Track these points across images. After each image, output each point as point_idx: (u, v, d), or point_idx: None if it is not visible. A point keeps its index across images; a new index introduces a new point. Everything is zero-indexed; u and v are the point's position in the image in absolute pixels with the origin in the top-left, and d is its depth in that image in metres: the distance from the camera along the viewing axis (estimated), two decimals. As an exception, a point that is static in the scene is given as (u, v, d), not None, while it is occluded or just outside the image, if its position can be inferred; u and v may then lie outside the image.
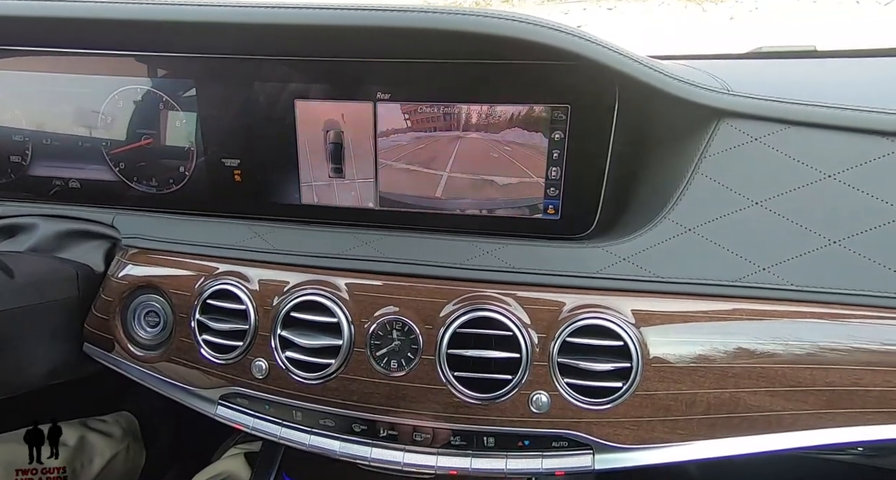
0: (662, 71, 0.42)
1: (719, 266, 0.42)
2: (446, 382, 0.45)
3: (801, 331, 0.41)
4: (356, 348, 0.47)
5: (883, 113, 0.40)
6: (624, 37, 0.49)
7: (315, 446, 0.48)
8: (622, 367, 0.42)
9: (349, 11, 0.41)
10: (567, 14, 2.70)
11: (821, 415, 0.41)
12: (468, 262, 0.46)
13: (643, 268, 0.43)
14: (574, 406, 0.43)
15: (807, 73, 0.59)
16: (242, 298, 0.49)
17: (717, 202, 0.43)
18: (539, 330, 0.44)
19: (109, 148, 0.56)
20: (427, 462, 0.46)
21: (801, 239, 0.41)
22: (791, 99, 0.42)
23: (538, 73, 0.46)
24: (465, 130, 0.49)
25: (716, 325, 0.42)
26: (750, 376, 0.41)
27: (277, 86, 0.51)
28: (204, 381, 0.52)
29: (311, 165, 0.53)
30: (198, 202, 0.56)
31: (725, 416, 0.42)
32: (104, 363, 0.56)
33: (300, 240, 0.51)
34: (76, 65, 0.55)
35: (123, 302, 0.54)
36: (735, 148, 0.43)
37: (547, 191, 0.50)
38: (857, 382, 0.40)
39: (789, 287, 0.41)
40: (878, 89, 0.50)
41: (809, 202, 0.41)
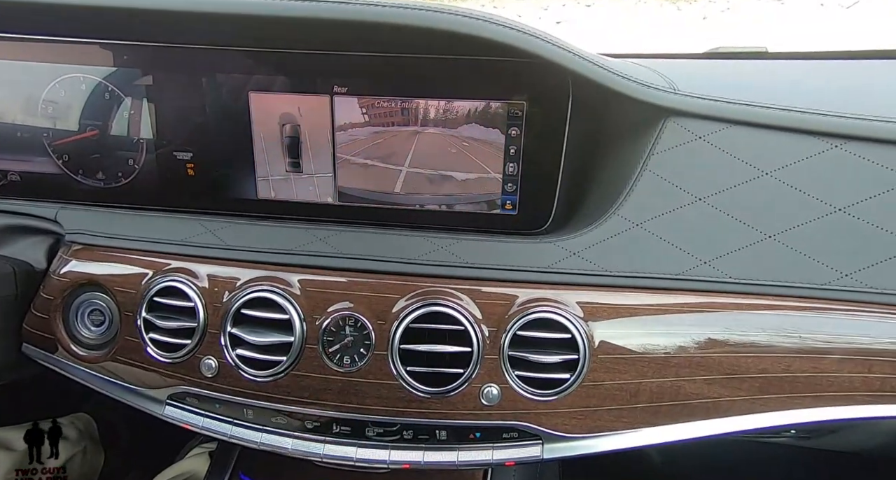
0: (612, 69, 0.43)
1: (664, 260, 0.44)
2: (398, 377, 0.45)
3: (737, 322, 0.43)
4: (308, 344, 0.46)
5: (816, 114, 0.43)
6: (601, 33, 0.50)
7: (267, 444, 0.48)
8: (570, 359, 0.43)
9: (303, 3, 0.40)
10: (547, 10, 2.73)
11: (755, 400, 0.43)
12: (423, 258, 0.47)
13: (592, 263, 0.44)
14: (524, 398, 0.44)
15: (755, 73, 0.61)
16: (191, 295, 0.47)
17: (663, 198, 0.44)
18: (490, 324, 0.45)
19: (52, 139, 0.54)
20: (380, 456, 0.46)
21: (740, 233, 0.43)
22: (734, 99, 0.44)
23: (494, 70, 0.46)
24: (424, 125, 0.49)
25: (659, 317, 0.44)
26: (689, 365, 0.43)
27: (231, 77, 0.49)
28: (152, 381, 0.50)
29: (267, 159, 0.52)
30: (147, 196, 0.54)
31: (667, 404, 0.43)
32: (45, 364, 0.54)
33: (253, 235, 0.50)
34: (15, 50, 0.52)
35: (65, 301, 0.52)
36: (680, 145, 0.44)
37: (504, 186, 0.50)
38: (788, 368, 0.42)
39: (728, 280, 0.43)
40: (820, 91, 0.53)
41: (748, 198, 0.43)
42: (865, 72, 0.62)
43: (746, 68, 0.64)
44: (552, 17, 2.62)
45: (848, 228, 0.42)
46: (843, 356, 0.42)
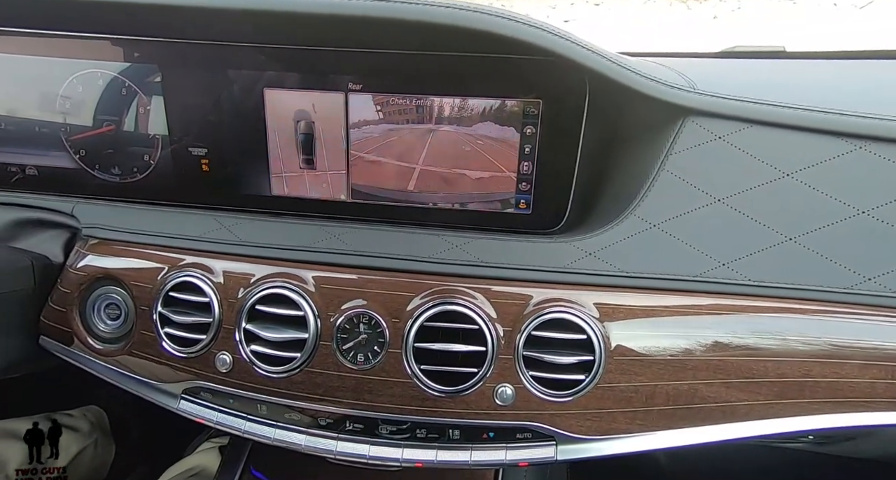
0: (631, 68, 0.42)
1: (681, 261, 0.43)
2: (412, 375, 0.45)
3: (756, 325, 0.42)
4: (322, 341, 0.46)
5: (838, 114, 0.42)
6: (610, 32, 0.49)
7: (280, 440, 0.48)
8: (585, 360, 0.43)
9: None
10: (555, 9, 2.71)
11: (773, 405, 0.42)
12: (437, 256, 0.46)
13: (608, 263, 0.44)
14: (538, 399, 0.44)
15: (774, 73, 0.60)
16: (206, 290, 0.48)
17: (681, 199, 0.44)
18: (505, 323, 0.44)
19: (69, 134, 0.54)
20: (393, 454, 0.46)
21: (760, 235, 0.43)
22: (754, 98, 0.43)
23: (510, 68, 0.46)
24: (438, 123, 0.49)
25: (676, 319, 0.43)
26: (707, 368, 0.42)
27: (246, 73, 0.50)
28: (166, 375, 0.51)
29: (281, 156, 0.52)
30: (162, 191, 0.54)
31: (684, 407, 0.43)
32: (62, 357, 0.54)
33: (268, 231, 0.50)
34: (33, 46, 0.52)
35: (82, 294, 0.52)
36: (700, 145, 0.44)
37: (519, 185, 0.50)
38: (807, 373, 0.42)
39: (747, 282, 0.42)
40: (839, 91, 0.52)
41: (768, 200, 0.43)
42: (884, 72, 0.61)
43: (764, 67, 0.63)
44: (560, 16, 2.60)
45: (871, 231, 0.41)
46: (866, 361, 0.41)
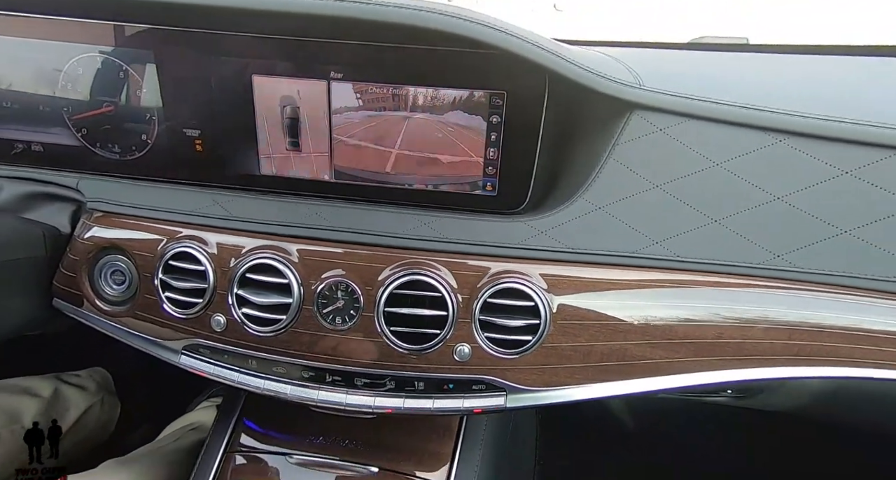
0: (580, 65, 0.46)
1: (621, 239, 0.49)
2: (383, 335, 0.51)
3: (679, 295, 0.48)
4: (305, 306, 0.52)
5: (765, 110, 0.46)
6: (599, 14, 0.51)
7: (269, 390, 0.54)
8: (532, 324, 0.49)
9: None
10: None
11: (690, 362, 0.49)
12: (408, 232, 0.52)
13: (557, 240, 0.50)
14: (491, 356, 0.50)
15: (728, 67, 0.64)
16: (202, 260, 0.53)
17: (624, 184, 0.49)
18: (464, 292, 0.50)
19: (71, 113, 0.57)
20: (366, 402, 0.53)
21: (689, 217, 0.48)
22: (693, 95, 0.47)
23: (476, 61, 0.49)
24: (413, 111, 0.52)
25: (613, 291, 0.49)
26: (635, 331, 0.49)
27: (236, 61, 0.53)
28: (168, 334, 0.56)
29: (269, 138, 0.56)
30: (160, 169, 0.58)
31: (615, 364, 0.50)
32: (74, 317, 0.60)
33: (257, 208, 0.54)
34: (36, 28, 0.55)
35: (90, 262, 0.57)
36: (643, 137, 0.48)
37: (485, 170, 0.54)
38: (720, 336, 0.48)
39: (675, 258, 0.48)
40: (780, 86, 0.55)
41: (699, 186, 0.48)
42: (836, 68, 0.65)
43: (719, 61, 0.67)
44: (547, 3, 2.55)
45: (784, 215, 0.46)
46: (769, 326, 0.47)
